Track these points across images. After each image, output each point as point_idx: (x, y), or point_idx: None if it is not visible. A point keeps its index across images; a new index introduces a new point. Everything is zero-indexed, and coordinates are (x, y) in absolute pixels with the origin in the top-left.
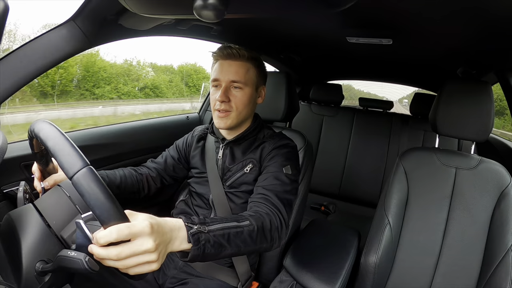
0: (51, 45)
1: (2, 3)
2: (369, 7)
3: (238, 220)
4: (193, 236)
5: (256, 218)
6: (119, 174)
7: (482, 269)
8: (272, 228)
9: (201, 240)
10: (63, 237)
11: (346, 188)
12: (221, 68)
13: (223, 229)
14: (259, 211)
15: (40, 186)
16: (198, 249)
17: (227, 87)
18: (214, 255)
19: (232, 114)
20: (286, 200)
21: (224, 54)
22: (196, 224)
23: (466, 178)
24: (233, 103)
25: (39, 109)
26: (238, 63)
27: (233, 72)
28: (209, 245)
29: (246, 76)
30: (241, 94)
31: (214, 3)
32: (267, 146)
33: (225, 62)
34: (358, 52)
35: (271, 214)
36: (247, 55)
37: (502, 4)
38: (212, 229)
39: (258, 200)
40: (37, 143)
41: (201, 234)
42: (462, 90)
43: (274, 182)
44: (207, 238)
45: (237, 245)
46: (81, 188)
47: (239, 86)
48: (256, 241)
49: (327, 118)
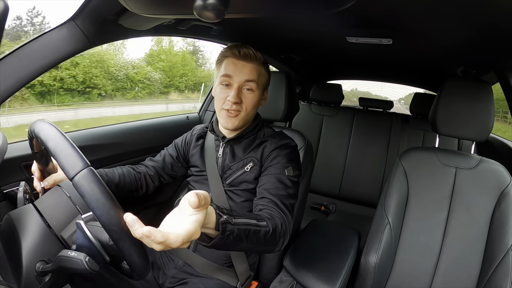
0: (51, 45)
1: (2, 3)
2: (369, 7)
3: (257, 219)
4: (222, 225)
5: (272, 221)
6: (118, 172)
7: (482, 269)
8: (281, 232)
9: (227, 230)
10: (63, 237)
11: (346, 188)
12: (235, 67)
13: (246, 224)
14: (272, 214)
15: (40, 186)
16: (222, 238)
17: (239, 87)
18: (231, 246)
19: (241, 114)
20: (290, 205)
21: (240, 54)
22: (225, 214)
23: (466, 178)
24: (244, 104)
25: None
26: (252, 66)
27: (247, 73)
28: (232, 236)
29: (258, 79)
30: (252, 96)
31: (214, 3)
32: (268, 145)
33: (239, 62)
34: (358, 52)
35: (281, 218)
36: (262, 59)
37: (502, 4)
38: (237, 222)
39: (268, 204)
40: (37, 143)
41: (228, 225)
42: (462, 89)
43: (278, 185)
44: (232, 229)
45: (252, 242)
46: (82, 189)
47: (251, 88)
48: (267, 242)
49: (327, 118)
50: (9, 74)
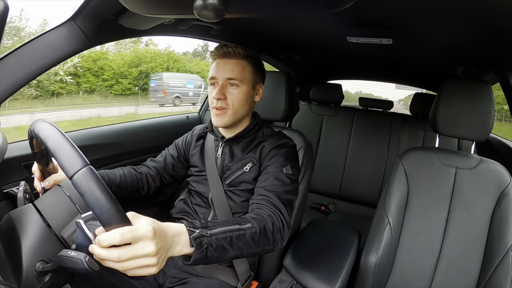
0: (51, 45)
1: (2, 3)
2: (369, 7)
3: (240, 223)
4: (195, 240)
5: (258, 220)
6: (119, 173)
7: (482, 269)
8: (274, 229)
9: (204, 244)
10: (63, 237)
11: (346, 188)
12: (218, 66)
13: (225, 232)
14: (260, 213)
15: (40, 186)
16: (201, 252)
17: (223, 85)
18: (216, 258)
19: (228, 111)
20: (287, 200)
21: (220, 53)
22: (198, 228)
23: (466, 178)
24: (230, 100)
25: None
26: (234, 61)
27: (228, 70)
28: (212, 248)
29: (242, 73)
30: (237, 91)
31: (214, 3)
32: (267, 145)
33: (221, 60)
34: (358, 52)
35: (273, 215)
36: (243, 53)
37: (502, 4)
38: (214, 233)
39: (259, 202)
40: (37, 143)
41: (203, 238)
42: (462, 89)
43: (275, 182)
44: (210, 241)
45: (240, 247)
46: (81, 188)
47: (235, 83)
48: (259, 244)
49: (327, 117)
50: (9, 74)
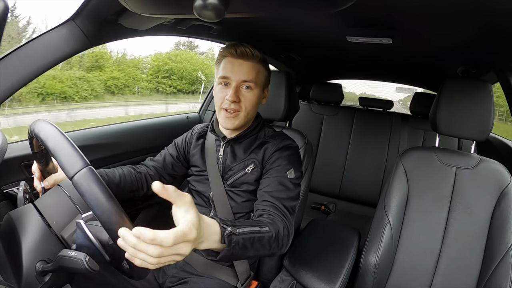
0: (51, 45)
1: (2, 3)
2: (369, 6)
3: (259, 225)
4: (228, 237)
5: (274, 225)
6: (118, 173)
7: (482, 269)
8: (284, 236)
9: (233, 242)
10: (63, 237)
11: (346, 188)
12: (232, 66)
13: (250, 233)
14: (274, 219)
15: (40, 186)
16: (229, 250)
17: (237, 86)
18: (238, 257)
19: (241, 114)
20: (291, 208)
21: (237, 52)
22: (229, 226)
23: (466, 178)
24: (243, 103)
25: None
26: (250, 64)
27: (244, 72)
28: (238, 246)
29: (257, 77)
30: (251, 95)
31: (214, 3)
32: (270, 147)
33: (236, 61)
34: (358, 51)
35: (282, 222)
36: (260, 56)
37: (503, 3)
38: (241, 232)
39: (268, 208)
40: (37, 143)
41: (233, 236)
42: (462, 89)
43: (279, 188)
44: (238, 240)
45: (257, 249)
46: (82, 188)
47: (250, 87)
48: (272, 247)
49: (327, 117)
50: (9, 74)
